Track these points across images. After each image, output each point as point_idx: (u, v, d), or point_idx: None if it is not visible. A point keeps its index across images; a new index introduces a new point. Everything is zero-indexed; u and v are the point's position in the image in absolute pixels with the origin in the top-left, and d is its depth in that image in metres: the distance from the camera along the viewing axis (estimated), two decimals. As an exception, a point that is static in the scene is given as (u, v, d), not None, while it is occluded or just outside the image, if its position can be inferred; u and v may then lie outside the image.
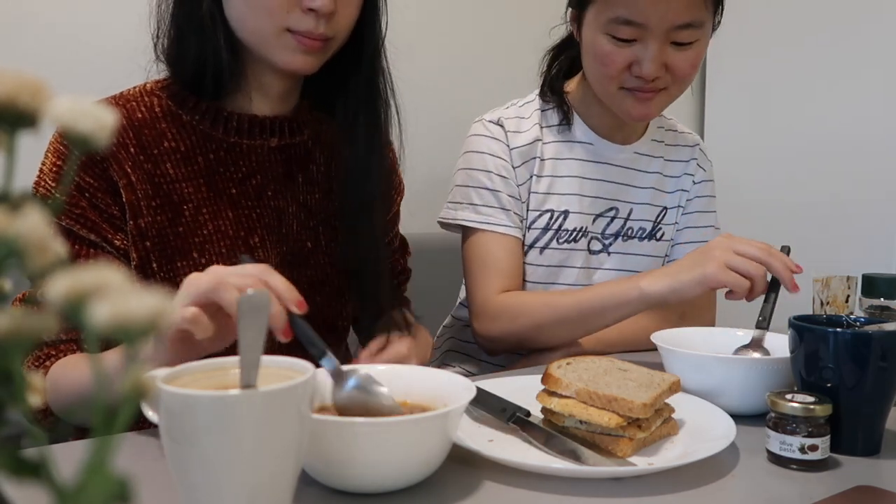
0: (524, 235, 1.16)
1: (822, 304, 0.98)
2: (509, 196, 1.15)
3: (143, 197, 0.86)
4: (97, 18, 1.41)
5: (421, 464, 0.60)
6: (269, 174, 0.93)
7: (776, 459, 0.67)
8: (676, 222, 1.25)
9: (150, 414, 0.54)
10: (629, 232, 1.21)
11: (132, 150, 0.86)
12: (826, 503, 0.58)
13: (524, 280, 1.16)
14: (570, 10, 1.13)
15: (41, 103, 0.25)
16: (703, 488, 0.61)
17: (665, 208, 1.24)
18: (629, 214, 1.21)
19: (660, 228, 1.23)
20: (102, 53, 1.38)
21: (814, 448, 0.65)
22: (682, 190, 1.25)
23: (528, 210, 1.16)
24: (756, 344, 0.89)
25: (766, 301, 0.91)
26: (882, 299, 0.87)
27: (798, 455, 0.65)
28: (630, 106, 1.07)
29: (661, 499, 0.59)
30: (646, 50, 1.02)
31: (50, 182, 0.84)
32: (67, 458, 0.62)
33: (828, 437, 0.66)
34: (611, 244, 1.20)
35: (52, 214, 0.24)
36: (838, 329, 0.70)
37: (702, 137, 2.30)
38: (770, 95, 2.11)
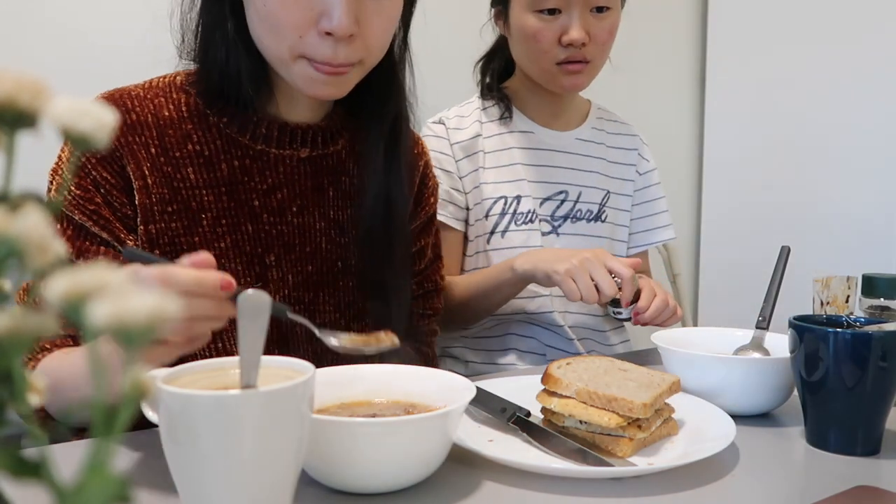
0: (482, 224, 1.23)
1: (822, 304, 0.98)
2: (450, 188, 1.22)
3: (158, 202, 0.81)
4: (103, 17, 1.41)
5: (421, 464, 0.60)
6: (297, 188, 0.87)
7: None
8: (627, 210, 1.34)
9: (150, 414, 0.54)
10: (578, 214, 1.28)
11: (153, 150, 0.82)
12: (826, 503, 0.58)
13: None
14: (493, 8, 1.24)
15: (41, 103, 0.25)
16: (703, 488, 0.61)
17: (608, 192, 1.31)
18: (578, 197, 1.28)
19: (604, 211, 1.31)
20: (106, 53, 1.38)
21: (619, 312, 1.07)
22: (627, 179, 1.34)
23: (482, 200, 1.23)
24: (756, 344, 0.89)
25: (766, 301, 0.91)
26: (882, 299, 0.87)
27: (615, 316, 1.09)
28: (563, 79, 1.18)
29: (661, 499, 0.59)
30: (570, 17, 1.14)
31: (67, 173, 0.81)
32: (67, 458, 0.62)
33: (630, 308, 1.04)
34: (560, 226, 1.27)
35: (53, 213, 0.24)
36: (838, 329, 0.70)
37: (702, 137, 2.31)
38: (770, 95, 2.11)
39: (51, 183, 0.84)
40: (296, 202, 0.87)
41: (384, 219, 0.90)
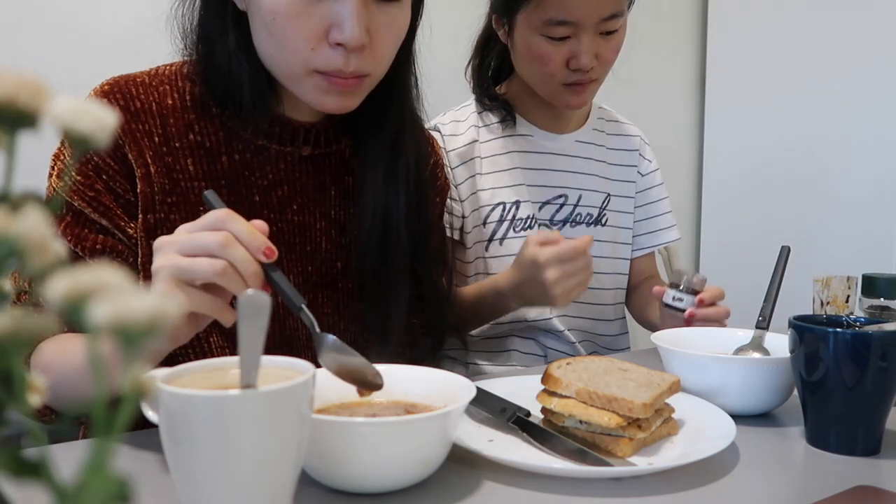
0: (480, 231, 1.21)
1: (822, 304, 0.98)
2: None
3: (159, 191, 0.80)
4: (104, 17, 1.41)
5: (421, 464, 0.60)
6: (297, 186, 0.87)
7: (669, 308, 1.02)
8: (629, 212, 1.31)
9: (150, 414, 0.54)
10: (578, 217, 1.26)
11: (156, 138, 0.80)
12: (826, 503, 0.58)
13: (489, 273, 1.20)
14: (495, 15, 1.19)
15: (41, 103, 0.25)
16: (703, 488, 0.61)
17: (609, 195, 1.29)
18: (578, 200, 1.26)
19: (604, 214, 1.29)
20: (106, 54, 1.38)
21: (679, 299, 1.01)
22: (629, 181, 1.32)
23: (479, 206, 1.21)
24: (756, 344, 0.89)
25: (766, 301, 0.91)
26: (882, 299, 0.87)
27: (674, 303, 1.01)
28: (569, 98, 1.16)
29: (661, 499, 0.59)
30: (580, 44, 1.10)
31: (69, 158, 0.80)
32: (67, 458, 0.62)
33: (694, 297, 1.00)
34: (560, 230, 1.24)
35: (53, 212, 0.24)
36: (838, 329, 0.70)
37: (702, 139, 2.31)
38: (770, 97, 2.11)
39: (52, 168, 0.82)
40: (296, 200, 0.87)
41: (381, 234, 0.88)
